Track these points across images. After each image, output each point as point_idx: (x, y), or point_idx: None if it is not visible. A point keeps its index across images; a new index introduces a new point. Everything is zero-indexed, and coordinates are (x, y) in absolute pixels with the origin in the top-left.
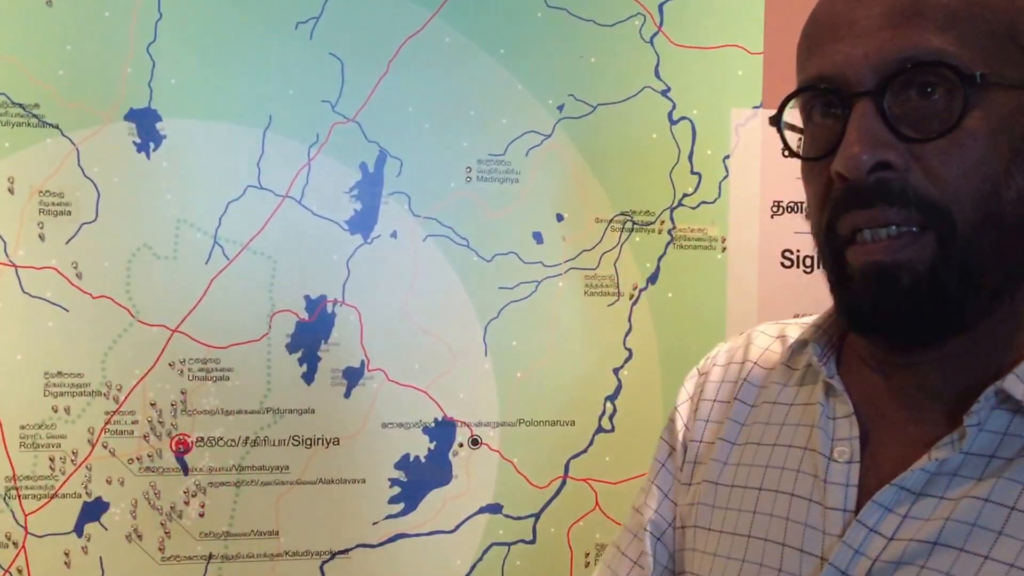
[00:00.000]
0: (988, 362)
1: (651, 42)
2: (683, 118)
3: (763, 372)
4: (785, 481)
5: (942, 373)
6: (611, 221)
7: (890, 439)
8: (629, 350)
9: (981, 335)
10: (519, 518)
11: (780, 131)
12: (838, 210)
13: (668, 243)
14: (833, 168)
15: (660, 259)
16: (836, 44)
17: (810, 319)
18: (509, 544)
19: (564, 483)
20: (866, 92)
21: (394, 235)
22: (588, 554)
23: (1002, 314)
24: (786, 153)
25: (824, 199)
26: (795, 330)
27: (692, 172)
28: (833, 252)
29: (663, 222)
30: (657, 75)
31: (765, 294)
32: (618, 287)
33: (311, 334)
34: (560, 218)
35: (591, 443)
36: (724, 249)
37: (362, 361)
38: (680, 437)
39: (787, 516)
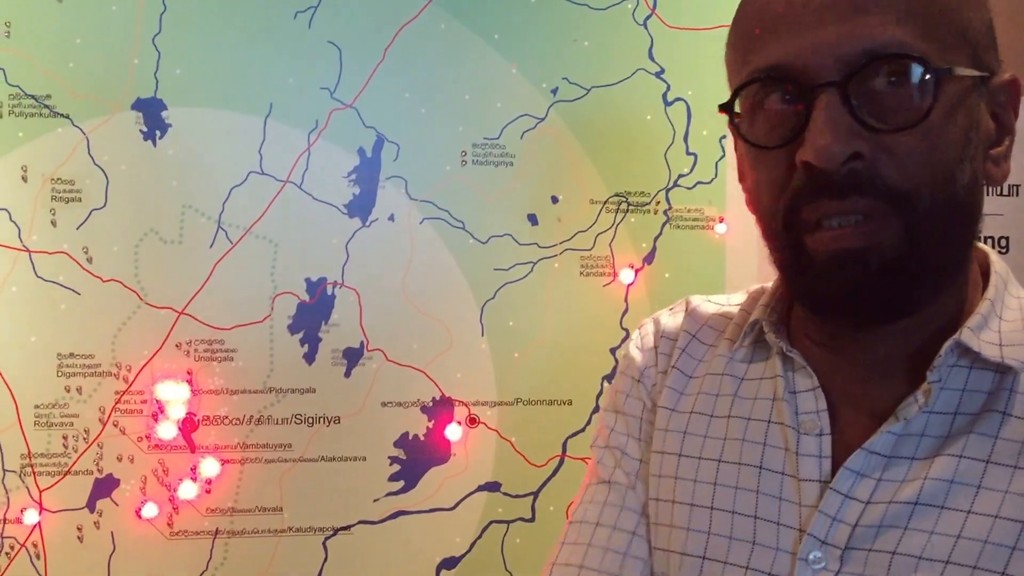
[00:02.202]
0: (935, 332)
1: (644, 25)
2: (678, 99)
3: (702, 346)
4: (750, 454)
5: (889, 346)
6: (606, 202)
7: (849, 409)
8: (626, 330)
9: (928, 311)
10: (518, 496)
11: (732, 120)
12: (802, 198)
13: (664, 223)
14: (802, 157)
15: (656, 239)
16: (794, 33)
17: (736, 298)
18: (508, 522)
19: (562, 462)
20: (831, 83)
21: (392, 218)
22: None
23: (948, 290)
24: (742, 141)
25: (782, 186)
26: (733, 308)
27: (688, 153)
28: (791, 239)
29: (659, 202)
30: (651, 57)
31: (767, 273)
32: (614, 268)
33: (312, 315)
34: (555, 200)
35: (589, 422)
36: (722, 220)
37: (361, 342)
38: (648, 395)
39: (757, 489)
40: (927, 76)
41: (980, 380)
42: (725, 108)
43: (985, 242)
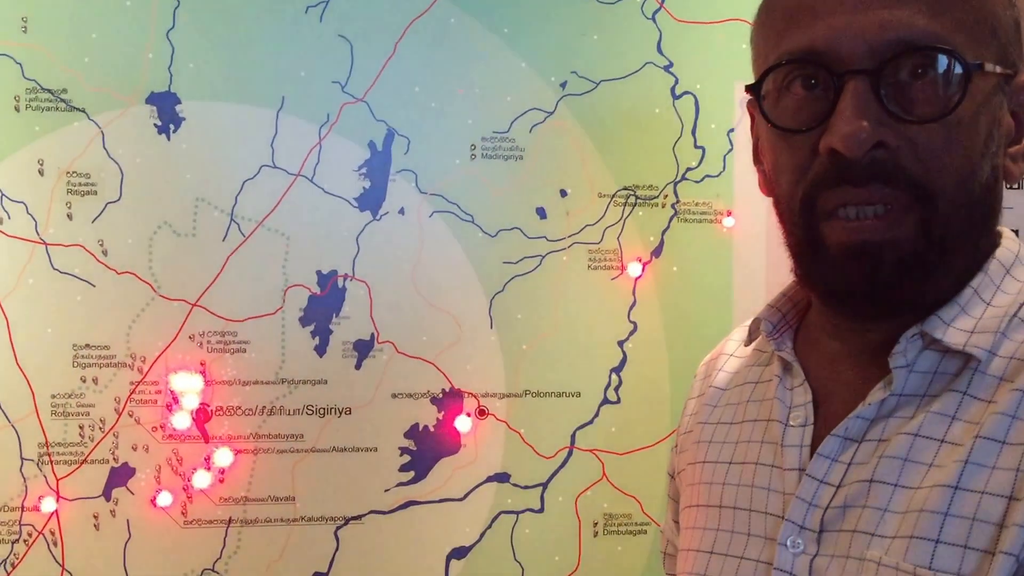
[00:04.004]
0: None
1: (653, 19)
2: (686, 93)
3: (737, 360)
4: (750, 453)
5: (890, 335)
6: (614, 196)
7: (843, 399)
8: (634, 323)
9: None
10: (527, 487)
11: (759, 101)
12: (822, 184)
13: (672, 217)
14: (826, 143)
15: (664, 233)
16: (828, 18)
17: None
18: (517, 512)
19: (571, 453)
20: (862, 70)
21: (402, 212)
22: (596, 523)
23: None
24: (766, 123)
25: (803, 171)
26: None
27: (696, 146)
28: (807, 225)
29: (667, 196)
30: (659, 51)
31: (774, 265)
32: (622, 261)
33: (323, 308)
34: (563, 193)
35: (597, 414)
36: (730, 214)
37: (372, 334)
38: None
39: (752, 484)
40: (957, 70)
41: (950, 363)
42: (752, 89)
43: None
